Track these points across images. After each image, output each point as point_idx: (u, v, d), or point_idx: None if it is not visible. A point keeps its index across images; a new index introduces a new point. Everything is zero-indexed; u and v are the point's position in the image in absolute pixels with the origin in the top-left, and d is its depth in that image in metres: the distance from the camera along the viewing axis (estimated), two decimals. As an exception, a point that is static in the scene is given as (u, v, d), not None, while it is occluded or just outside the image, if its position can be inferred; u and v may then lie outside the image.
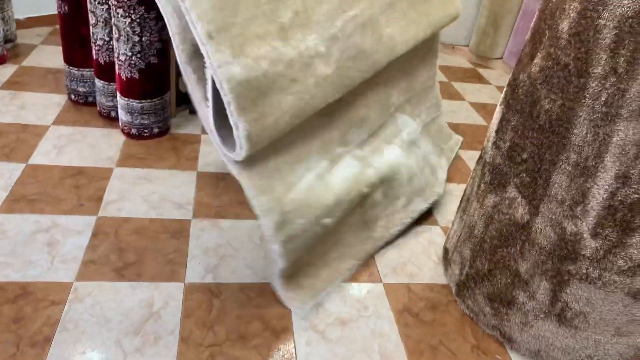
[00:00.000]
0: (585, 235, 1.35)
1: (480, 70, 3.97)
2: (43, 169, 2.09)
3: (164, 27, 2.21)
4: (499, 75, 3.91)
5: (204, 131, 2.53)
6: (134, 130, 2.37)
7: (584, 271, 1.38)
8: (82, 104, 2.58)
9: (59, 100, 2.61)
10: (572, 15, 1.26)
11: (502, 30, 3.87)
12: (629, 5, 1.14)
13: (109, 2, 2.20)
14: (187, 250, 1.80)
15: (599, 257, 1.35)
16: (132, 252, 1.76)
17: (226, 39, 1.25)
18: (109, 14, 2.23)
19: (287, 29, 1.38)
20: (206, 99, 1.36)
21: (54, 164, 2.13)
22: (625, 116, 1.21)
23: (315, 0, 1.47)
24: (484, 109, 3.20)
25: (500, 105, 1.59)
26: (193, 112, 2.67)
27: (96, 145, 2.30)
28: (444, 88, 3.53)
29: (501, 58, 4.01)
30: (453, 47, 4.19)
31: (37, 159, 2.15)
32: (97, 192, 2.02)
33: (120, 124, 2.41)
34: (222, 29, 1.24)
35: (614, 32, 1.18)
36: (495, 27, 3.87)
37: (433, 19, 2.04)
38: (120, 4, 2.08)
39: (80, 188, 2.02)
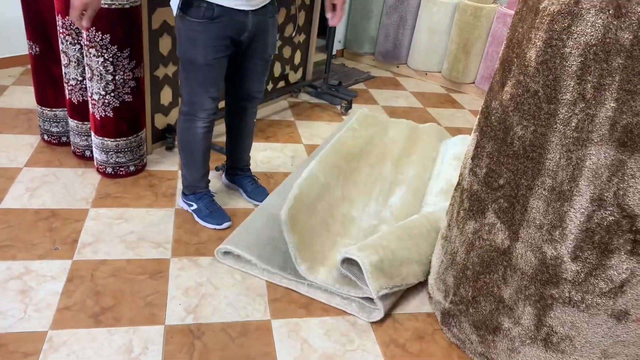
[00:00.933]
0: (565, 259, 1.36)
1: (454, 95, 4.04)
2: (15, 213, 2.04)
3: (137, 65, 2.21)
4: (472, 100, 3.99)
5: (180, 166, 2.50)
6: (109, 169, 2.33)
7: (567, 295, 1.38)
8: (56, 144, 2.54)
9: (31, 141, 2.56)
10: (538, 44, 1.30)
11: (472, 56, 3.97)
12: (592, 34, 1.18)
13: (81, 42, 2.19)
14: (166, 291, 1.76)
15: (580, 280, 1.36)
16: (109, 295, 1.71)
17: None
18: (81, 53, 2.22)
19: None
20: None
21: (26, 207, 2.08)
22: (596, 140, 1.23)
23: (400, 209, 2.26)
24: (460, 134, 3.24)
25: (474, 132, 1.61)
26: (170, 147, 2.65)
27: (70, 186, 2.25)
28: (419, 114, 3.58)
29: (473, 82, 4.10)
30: (426, 74, 4.27)
31: (8, 202, 2.09)
32: (72, 234, 1.96)
33: (95, 163, 2.37)
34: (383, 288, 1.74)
35: (580, 60, 1.21)
36: (466, 53, 3.97)
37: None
38: (93, 44, 2.07)
39: (54, 231, 1.97)
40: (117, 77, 2.16)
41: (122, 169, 2.35)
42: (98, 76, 2.13)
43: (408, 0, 4.10)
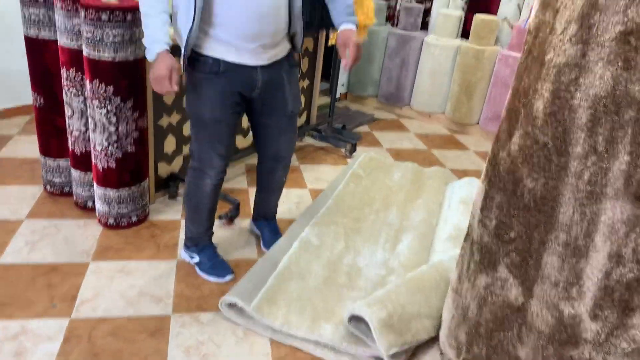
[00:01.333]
0: (584, 318, 1.29)
1: (458, 136, 4.03)
2: (14, 269, 1.99)
3: (140, 115, 2.20)
4: (476, 141, 3.97)
5: (184, 216, 2.47)
6: (111, 220, 2.30)
7: (587, 356, 1.31)
8: (58, 195, 2.52)
9: (34, 191, 2.54)
10: (545, 95, 1.27)
11: (475, 98, 3.97)
12: (601, 86, 1.15)
13: (85, 94, 2.19)
14: (166, 351, 1.69)
15: (600, 341, 1.28)
16: (107, 357, 1.64)
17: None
18: (85, 105, 2.22)
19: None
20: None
21: (25, 262, 2.04)
22: (610, 195, 1.19)
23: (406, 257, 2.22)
24: (465, 176, 3.20)
25: (482, 182, 1.57)
26: (173, 196, 2.62)
27: (71, 238, 2.21)
28: (424, 156, 3.56)
29: (477, 123, 4.08)
30: (430, 115, 4.27)
31: (8, 258, 2.05)
32: (71, 290, 1.91)
33: (97, 214, 2.34)
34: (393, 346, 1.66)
35: (589, 112, 1.18)
36: (469, 95, 3.97)
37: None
38: (96, 95, 2.08)
39: (53, 287, 1.92)
40: (120, 128, 2.15)
41: (124, 220, 2.31)
42: (101, 127, 2.13)
43: (410, 43, 4.15)
